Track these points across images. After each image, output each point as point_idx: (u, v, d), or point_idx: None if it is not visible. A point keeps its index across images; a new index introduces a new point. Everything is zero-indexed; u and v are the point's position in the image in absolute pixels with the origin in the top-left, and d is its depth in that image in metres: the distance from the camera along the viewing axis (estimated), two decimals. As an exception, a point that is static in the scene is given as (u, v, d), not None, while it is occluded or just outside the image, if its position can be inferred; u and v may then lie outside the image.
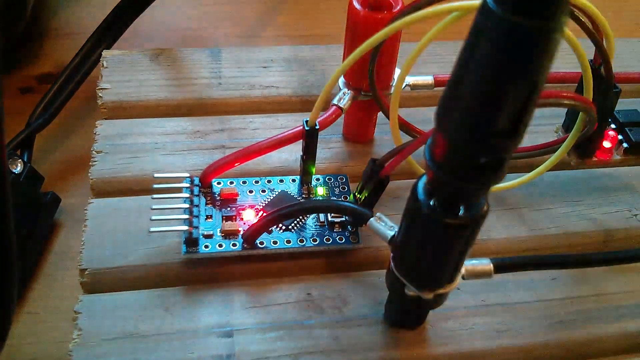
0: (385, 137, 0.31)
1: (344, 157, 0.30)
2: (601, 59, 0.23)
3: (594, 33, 0.22)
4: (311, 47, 0.36)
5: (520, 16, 0.13)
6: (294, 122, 0.32)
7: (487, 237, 0.28)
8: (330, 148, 0.31)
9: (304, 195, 0.27)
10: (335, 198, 0.27)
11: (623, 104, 0.34)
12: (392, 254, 0.21)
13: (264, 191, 0.27)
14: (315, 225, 0.26)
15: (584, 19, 0.23)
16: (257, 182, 0.27)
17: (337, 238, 0.26)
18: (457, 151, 0.16)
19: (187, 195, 0.25)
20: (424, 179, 0.19)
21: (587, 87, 0.23)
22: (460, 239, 0.19)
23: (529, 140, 0.29)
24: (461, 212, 0.18)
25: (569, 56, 0.24)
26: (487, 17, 0.13)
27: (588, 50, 0.23)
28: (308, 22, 0.45)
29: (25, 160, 0.32)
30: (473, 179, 0.16)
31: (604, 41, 0.23)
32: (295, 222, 0.26)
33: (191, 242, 0.24)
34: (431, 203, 0.18)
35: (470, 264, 0.22)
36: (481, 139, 0.15)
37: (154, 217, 0.24)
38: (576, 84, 0.27)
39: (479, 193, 0.18)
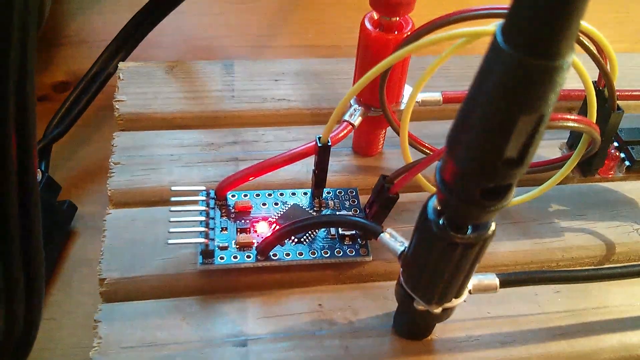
0: (394, 150, 0.32)
1: (353, 171, 0.31)
2: (605, 82, 0.24)
3: (599, 58, 0.23)
4: (320, 60, 0.37)
5: (529, 56, 0.14)
6: (305, 134, 0.33)
7: (493, 250, 0.28)
8: (341, 161, 0.32)
9: (315, 208, 0.28)
10: (345, 211, 0.28)
11: (628, 119, 0.35)
12: (401, 269, 0.22)
13: (276, 204, 0.28)
14: (326, 238, 0.27)
15: (588, 43, 0.24)
16: (270, 195, 0.28)
17: (347, 250, 0.26)
18: (466, 177, 0.17)
19: (204, 208, 0.26)
20: (434, 199, 0.19)
21: (590, 110, 0.23)
22: (467, 257, 0.19)
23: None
24: (469, 232, 0.19)
25: (572, 70, 0.24)
26: (497, 55, 0.14)
27: (589, 68, 0.24)
28: (315, 32, 0.46)
29: (43, 169, 0.33)
30: (480, 203, 0.17)
31: (608, 65, 0.24)
32: (307, 234, 0.27)
33: (207, 253, 0.25)
34: (440, 222, 0.19)
35: (476, 279, 0.23)
36: (489, 168, 0.16)
37: (172, 230, 0.25)
38: (581, 101, 0.28)
39: (489, 215, 0.19)
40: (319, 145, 0.26)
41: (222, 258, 0.25)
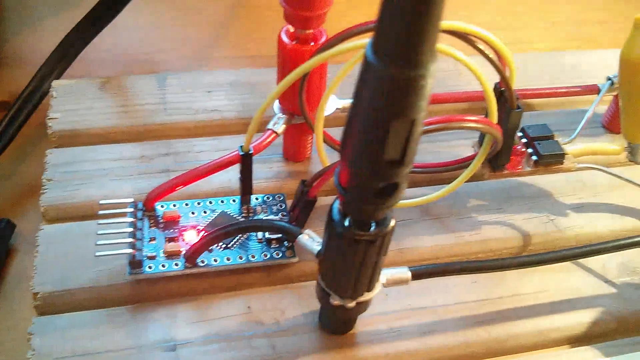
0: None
1: (283, 176, 0.33)
2: (504, 87, 0.25)
3: (494, 61, 0.25)
4: (253, 70, 0.38)
5: (394, 67, 0.15)
6: (236, 144, 0.33)
7: (413, 246, 0.30)
8: (271, 168, 0.33)
9: (243, 215, 0.29)
10: (272, 216, 0.29)
11: (538, 117, 0.37)
12: (318, 267, 0.24)
13: (205, 212, 0.29)
14: (254, 242, 0.28)
15: (485, 48, 0.25)
16: (199, 203, 0.29)
17: (274, 253, 0.28)
18: (357, 179, 0.18)
19: (131, 219, 0.27)
20: (338, 201, 0.21)
21: (491, 111, 0.25)
22: (371, 252, 0.21)
23: (450, 154, 0.32)
24: (372, 228, 0.21)
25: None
26: (367, 67, 0.16)
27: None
28: (255, 42, 0.47)
29: (-21, 189, 0.33)
30: (374, 201, 0.19)
31: (507, 70, 0.26)
32: (236, 240, 0.28)
33: (135, 263, 0.26)
34: (346, 222, 0.21)
35: (390, 273, 0.25)
36: (374, 168, 0.18)
37: (99, 242, 0.26)
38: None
39: (383, 212, 0.20)
40: (241, 154, 0.27)
41: (150, 267, 0.26)
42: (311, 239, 0.25)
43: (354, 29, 0.25)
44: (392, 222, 0.21)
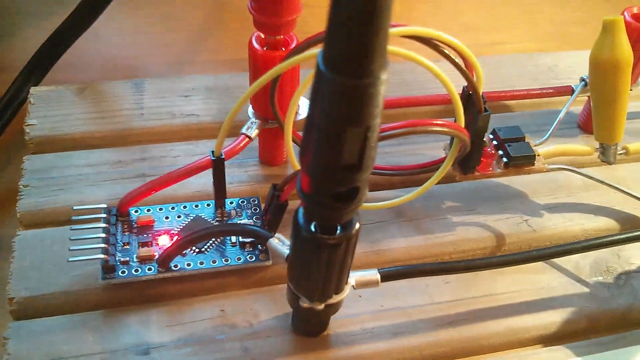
0: (296, 159, 0.34)
1: (259, 180, 0.33)
2: (471, 90, 0.26)
3: (460, 66, 0.25)
4: (231, 75, 0.39)
5: (344, 77, 0.15)
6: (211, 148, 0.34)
7: (388, 247, 0.30)
8: (247, 172, 0.33)
9: (218, 219, 0.29)
10: (246, 220, 0.29)
11: (513, 118, 0.37)
12: (287, 270, 0.24)
13: (179, 217, 0.29)
14: (228, 246, 0.28)
15: (452, 53, 0.26)
16: (173, 208, 0.29)
17: (247, 257, 0.28)
18: (318, 185, 0.19)
19: (104, 225, 0.27)
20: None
21: (457, 115, 0.26)
22: (336, 255, 0.21)
23: (428, 156, 0.32)
24: (338, 232, 0.21)
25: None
26: (320, 78, 0.16)
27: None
28: (236, 46, 0.48)
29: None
30: (334, 206, 0.19)
31: (474, 75, 0.26)
32: (209, 244, 0.28)
33: (108, 268, 0.26)
34: (312, 227, 0.21)
35: (359, 275, 0.25)
36: (332, 174, 0.18)
37: (72, 248, 0.26)
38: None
39: (346, 216, 0.20)
40: (213, 158, 0.27)
41: (123, 272, 0.27)
42: (281, 243, 0.25)
43: (322, 34, 0.25)
44: (357, 226, 0.21)
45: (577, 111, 0.39)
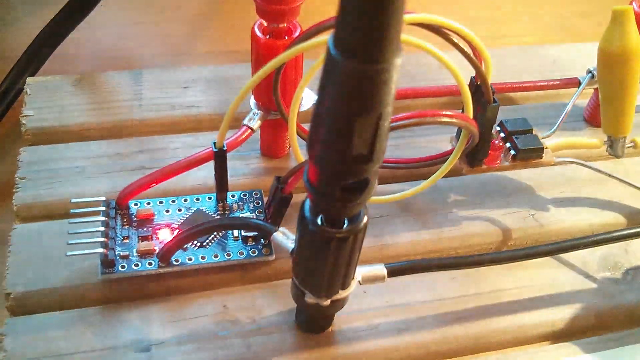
0: (302, 150, 0.33)
1: (262, 173, 0.32)
2: (479, 81, 0.25)
3: (470, 56, 0.25)
4: (231, 66, 0.38)
5: (356, 62, 0.15)
6: (213, 140, 0.33)
7: (393, 242, 0.30)
8: (249, 164, 0.32)
9: (219, 212, 0.29)
10: (248, 213, 0.29)
11: (519, 111, 0.37)
12: (292, 265, 0.23)
13: (180, 210, 0.28)
14: (231, 240, 0.28)
15: (462, 43, 0.25)
16: (173, 201, 0.29)
17: (250, 251, 0.27)
18: (325, 176, 0.18)
19: (103, 218, 0.26)
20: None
21: (466, 106, 0.25)
22: (344, 249, 0.21)
23: (433, 149, 0.32)
24: (346, 226, 0.20)
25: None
26: (332, 63, 0.15)
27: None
28: (235, 37, 0.47)
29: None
30: (343, 198, 0.18)
31: (483, 64, 0.25)
32: (211, 238, 0.27)
33: (107, 263, 0.26)
34: (318, 220, 0.20)
35: (366, 270, 0.24)
36: (342, 165, 0.17)
37: (70, 241, 0.25)
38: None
39: (354, 209, 0.20)
40: (214, 150, 0.27)
41: (123, 267, 0.26)
42: (286, 237, 0.24)
43: (328, 21, 0.24)
44: (365, 219, 0.20)
45: (582, 104, 0.38)
